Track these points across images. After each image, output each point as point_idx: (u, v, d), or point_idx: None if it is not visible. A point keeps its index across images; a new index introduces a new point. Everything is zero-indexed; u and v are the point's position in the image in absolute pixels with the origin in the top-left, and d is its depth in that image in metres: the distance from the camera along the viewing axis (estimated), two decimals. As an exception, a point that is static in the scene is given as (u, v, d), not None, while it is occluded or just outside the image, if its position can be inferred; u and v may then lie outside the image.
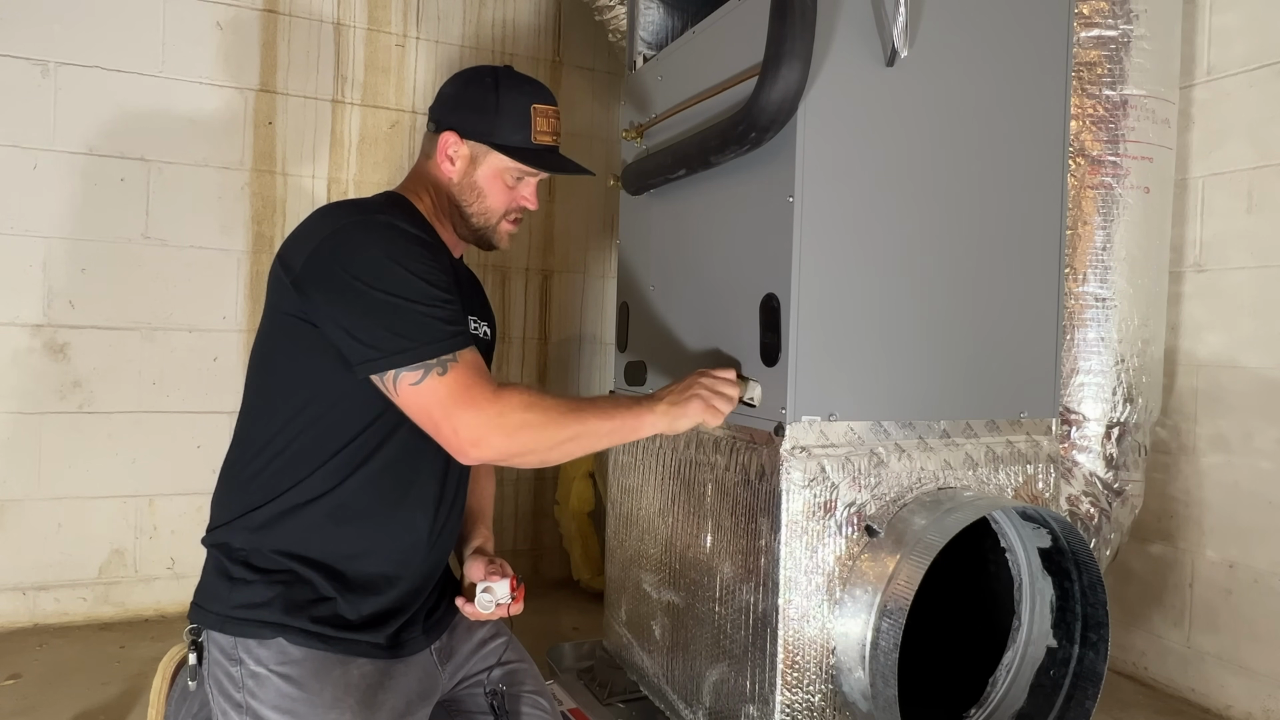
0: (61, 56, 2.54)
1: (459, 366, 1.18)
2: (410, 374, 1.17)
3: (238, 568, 1.25)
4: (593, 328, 3.34)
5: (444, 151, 1.41)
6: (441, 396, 1.17)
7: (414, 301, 1.18)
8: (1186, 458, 2.35)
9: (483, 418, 1.17)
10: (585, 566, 3.00)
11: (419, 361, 1.16)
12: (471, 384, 1.18)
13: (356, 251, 1.20)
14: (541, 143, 1.43)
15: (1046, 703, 1.60)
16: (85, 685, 2.17)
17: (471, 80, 1.44)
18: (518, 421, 1.19)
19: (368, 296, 1.17)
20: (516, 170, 1.42)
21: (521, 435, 1.20)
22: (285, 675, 1.21)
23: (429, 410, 1.18)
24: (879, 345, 1.52)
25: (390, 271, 1.19)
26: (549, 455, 1.25)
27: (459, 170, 1.41)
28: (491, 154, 1.41)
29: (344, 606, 1.27)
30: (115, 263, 2.61)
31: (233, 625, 1.23)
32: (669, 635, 1.81)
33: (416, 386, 1.17)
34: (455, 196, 1.43)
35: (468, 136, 1.40)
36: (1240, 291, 2.24)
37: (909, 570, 1.40)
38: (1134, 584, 2.47)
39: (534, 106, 1.42)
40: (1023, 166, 1.67)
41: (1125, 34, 2.07)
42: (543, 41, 3.20)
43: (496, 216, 1.45)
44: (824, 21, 1.40)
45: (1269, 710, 2.15)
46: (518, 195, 1.45)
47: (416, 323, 1.17)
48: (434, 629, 1.42)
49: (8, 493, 2.53)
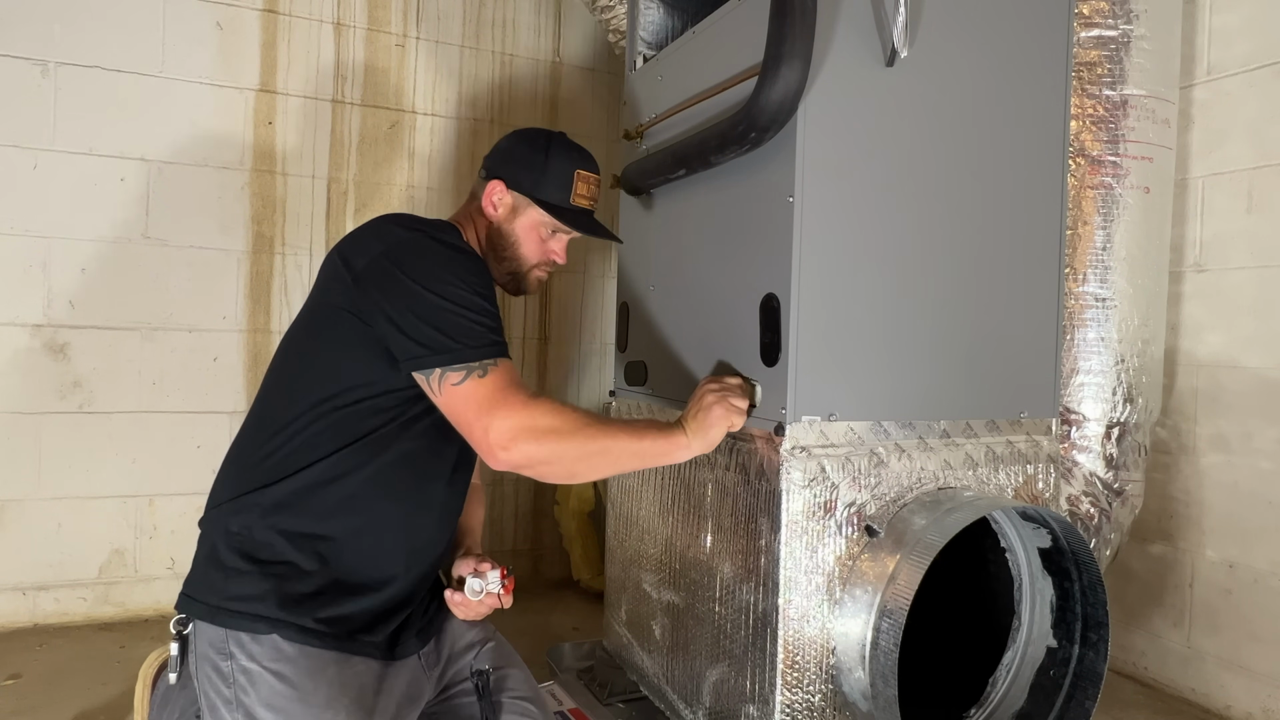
0: (61, 56, 2.53)
1: (498, 371, 1.26)
2: (454, 374, 1.24)
3: (232, 556, 1.25)
4: (593, 328, 3.34)
5: (490, 197, 1.54)
6: (480, 398, 1.23)
7: (465, 309, 1.26)
8: (1186, 458, 2.35)
9: (514, 420, 1.23)
10: (585, 566, 3.00)
11: (463, 363, 1.24)
12: (508, 388, 1.25)
13: (419, 259, 1.29)
14: (578, 204, 1.56)
15: (1046, 703, 1.60)
16: (85, 685, 2.17)
17: (526, 139, 1.59)
18: (546, 427, 1.24)
19: (424, 299, 1.25)
20: (551, 225, 1.55)
21: (549, 442, 1.24)
22: (279, 673, 1.20)
23: (465, 409, 1.24)
24: (879, 345, 1.52)
25: (446, 281, 1.27)
26: (575, 467, 1.30)
27: (500, 216, 1.54)
28: (531, 207, 1.54)
29: (342, 604, 1.27)
30: (115, 263, 2.61)
31: (224, 617, 1.22)
32: (669, 635, 1.81)
33: (458, 386, 1.24)
34: (493, 240, 1.55)
35: (513, 188, 1.53)
36: (1240, 291, 2.24)
37: (909, 570, 1.40)
38: (1134, 584, 2.47)
39: (578, 171, 1.56)
40: (1023, 166, 1.67)
41: (1125, 34, 2.07)
42: (543, 41, 3.20)
43: (528, 265, 1.58)
44: (824, 21, 1.40)
45: (1269, 710, 2.15)
46: (549, 249, 1.58)
47: (464, 328, 1.26)
48: (425, 633, 1.42)
49: (8, 493, 2.52)
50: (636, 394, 2.00)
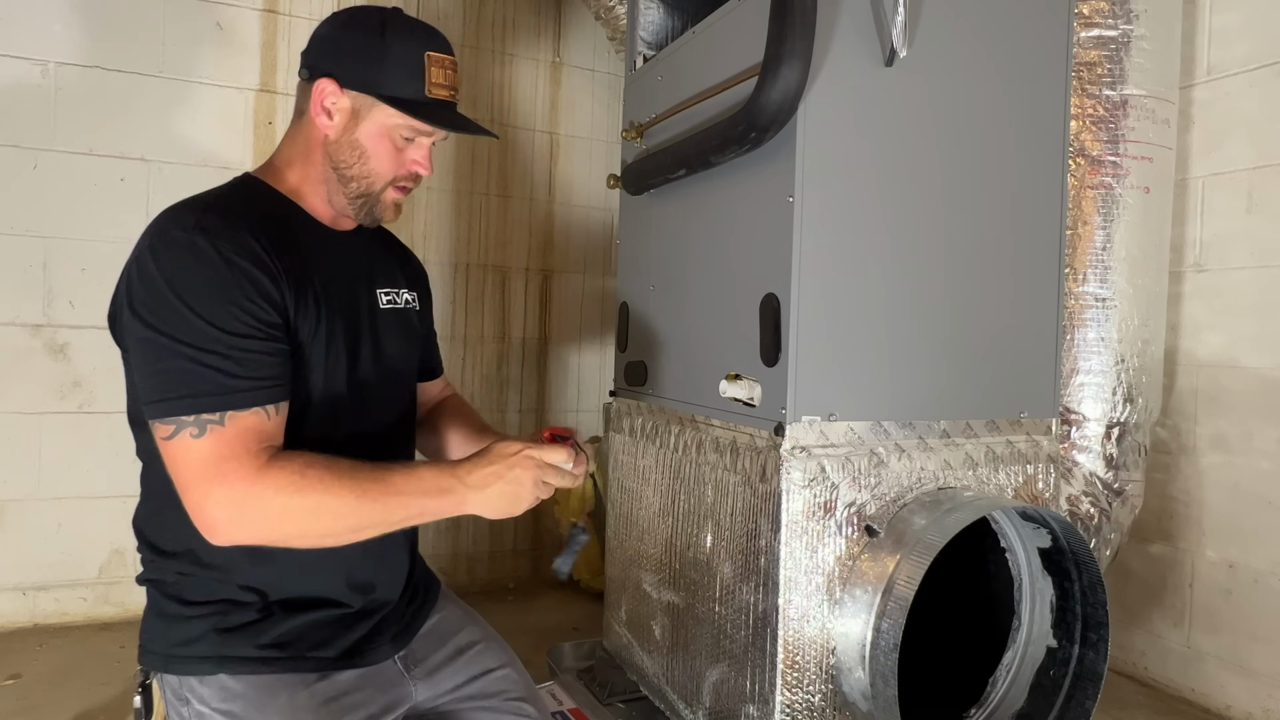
0: (61, 56, 2.53)
1: (222, 432, 1.02)
2: (164, 427, 1.02)
3: (171, 604, 1.16)
4: (592, 328, 3.34)
5: (319, 102, 1.19)
6: (191, 461, 1.01)
7: (185, 345, 1.02)
8: (1186, 458, 2.35)
9: (232, 496, 1.01)
10: (585, 566, 3.00)
11: (171, 416, 1.02)
12: (230, 456, 1.01)
13: (144, 279, 1.06)
14: (437, 96, 1.21)
15: (1046, 703, 1.60)
16: (85, 685, 2.17)
17: (353, 21, 1.22)
18: (278, 508, 1.02)
19: (143, 332, 1.04)
20: (407, 128, 1.21)
21: (282, 524, 1.03)
22: (228, 712, 1.12)
23: (176, 472, 1.03)
24: (879, 345, 1.52)
25: (169, 307, 1.03)
26: (324, 542, 1.08)
27: (337, 126, 1.20)
28: (378, 107, 1.19)
29: (284, 625, 1.17)
30: (115, 263, 2.59)
31: (176, 664, 1.14)
32: (669, 635, 1.81)
33: (168, 442, 1.02)
34: (332, 157, 1.21)
35: (349, 85, 1.19)
36: (1240, 291, 2.24)
37: (909, 570, 1.40)
38: (1134, 584, 2.47)
39: (428, 54, 1.20)
40: (1023, 166, 1.67)
41: (1125, 34, 2.07)
42: (543, 41, 3.20)
43: (381, 182, 1.23)
44: (824, 21, 1.40)
45: (1269, 710, 2.15)
46: (407, 159, 1.23)
47: (182, 371, 1.02)
48: (400, 637, 1.30)
49: (8, 493, 2.53)
50: (636, 394, 2.00)
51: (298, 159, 1.24)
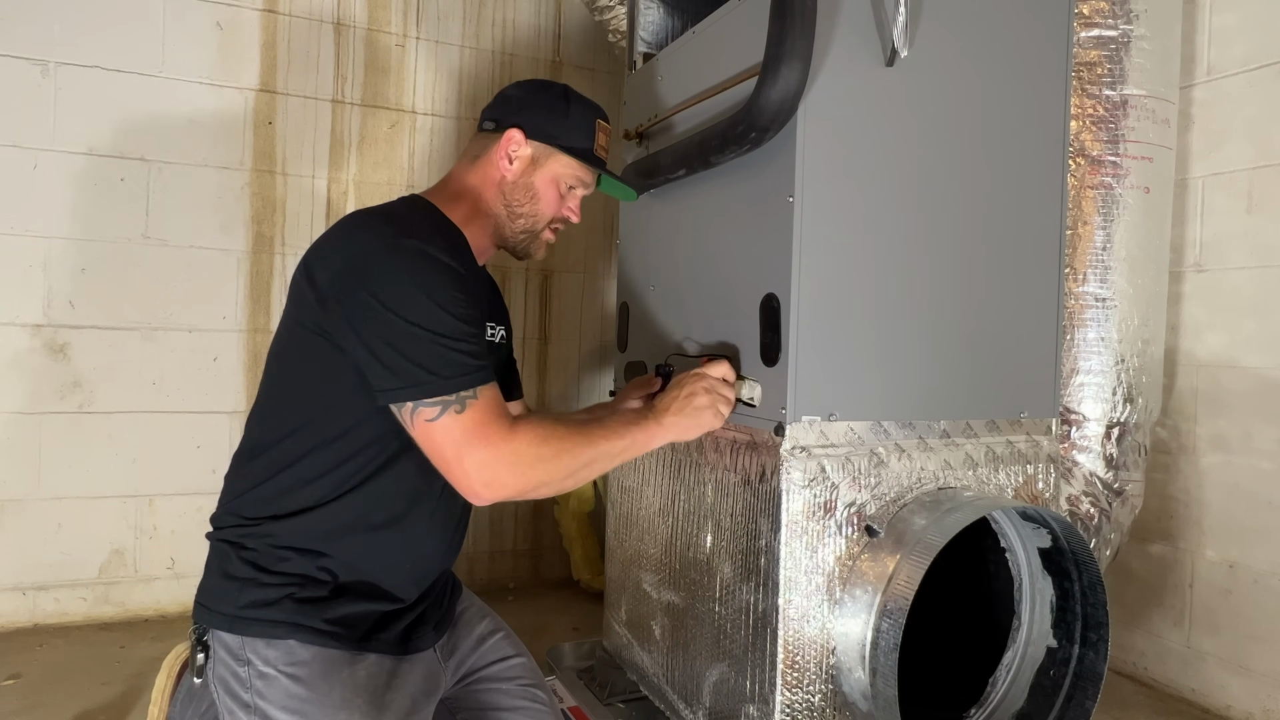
0: (61, 56, 2.53)
1: (477, 404, 1.17)
2: (428, 409, 1.16)
3: (245, 567, 1.25)
4: (593, 328, 3.34)
5: (505, 149, 1.41)
6: (456, 436, 1.16)
7: (439, 335, 1.17)
8: (1186, 458, 2.35)
9: (497, 455, 1.17)
10: (585, 566, 3.00)
11: (437, 396, 1.16)
12: (487, 422, 1.17)
13: (385, 278, 1.18)
14: (599, 155, 1.48)
15: (1046, 703, 1.60)
16: (85, 685, 2.17)
17: (541, 87, 1.48)
18: (531, 457, 1.19)
19: (394, 325, 1.16)
20: (573, 178, 1.46)
21: (535, 471, 1.20)
22: (294, 675, 1.21)
23: (443, 448, 1.17)
24: (879, 345, 1.52)
25: (417, 302, 1.17)
26: (564, 485, 1.26)
27: (516, 170, 1.42)
28: (555, 156, 1.43)
29: (353, 607, 1.27)
30: (115, 263, 2.61)
31: (241, 625, 1.22)
32: (669, 635, 1.81)
33: (432, 423, 1.16)
34: (506, 196, 1.43)
35: (533, 137, 1.42)
36: (1240, 291, 2.24)
37: (909, 570, 1.40)
38: (1134, 584, 2.47)
39: (598, 121, 1.47)
40: (1023, 166, 1.67)
41: (1125, 34, 2.07)
42: (543, 41, 3.20)
43: (543, 223, 1.47)
44: (824, 21, 1.40)
45: (1269, 710, 2.15)
46: (565, 205, 1.48)
47: (438, 356, 1.16)
48: (440, 625, 1.42)
49: (8, 493, 2.53)
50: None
51: (469, 195, 1.43)
